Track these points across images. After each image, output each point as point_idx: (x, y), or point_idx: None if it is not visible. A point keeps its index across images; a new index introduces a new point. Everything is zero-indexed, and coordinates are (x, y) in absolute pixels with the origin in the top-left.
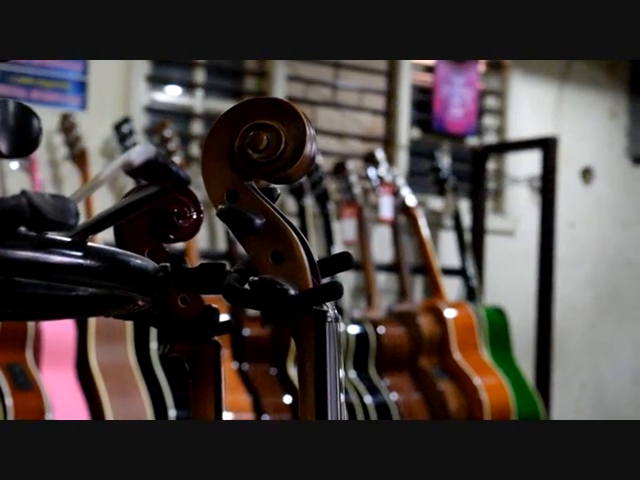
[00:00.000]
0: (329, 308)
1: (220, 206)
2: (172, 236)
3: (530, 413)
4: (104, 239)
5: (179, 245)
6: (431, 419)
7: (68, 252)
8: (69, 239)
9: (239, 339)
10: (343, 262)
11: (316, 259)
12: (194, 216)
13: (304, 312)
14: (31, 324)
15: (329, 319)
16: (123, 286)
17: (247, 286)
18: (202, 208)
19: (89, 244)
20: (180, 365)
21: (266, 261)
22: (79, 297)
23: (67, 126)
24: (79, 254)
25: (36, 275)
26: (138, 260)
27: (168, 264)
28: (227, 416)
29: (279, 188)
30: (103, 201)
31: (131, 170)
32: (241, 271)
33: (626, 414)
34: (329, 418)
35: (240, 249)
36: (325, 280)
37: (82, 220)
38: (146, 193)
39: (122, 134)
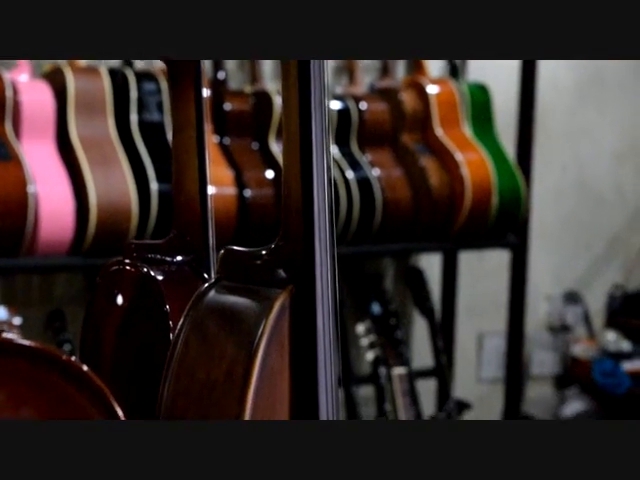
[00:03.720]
0: None
1: None
2: None
3: (511, 189)
4: None
5: None
6: (413, 194)
7: None
8: None
9: (221, 113)
10: None
11: None
12: None
13: None
14: (9, 95)
15: None
16: None
17: None
18: None
19: None
20: (162, 137)
21: None
22: None
23: None
24: None
25: None
26: None
27: None
28: (210, 190)
29: None
30: None
31: None
32: None
33: (606, 194)
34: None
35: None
36: None
37: None
38: None
39: None
